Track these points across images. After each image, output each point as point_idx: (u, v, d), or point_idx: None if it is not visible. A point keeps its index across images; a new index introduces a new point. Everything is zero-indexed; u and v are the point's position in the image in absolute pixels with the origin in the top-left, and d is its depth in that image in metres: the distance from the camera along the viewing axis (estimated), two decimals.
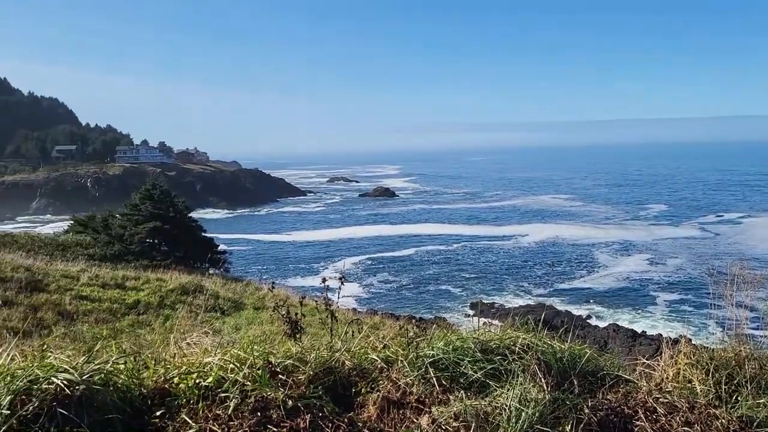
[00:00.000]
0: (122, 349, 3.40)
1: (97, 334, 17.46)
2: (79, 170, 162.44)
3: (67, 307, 20.51)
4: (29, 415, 2.55)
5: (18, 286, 20.95)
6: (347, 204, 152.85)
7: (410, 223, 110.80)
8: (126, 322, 20.42)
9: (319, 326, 5.99)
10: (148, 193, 42.00)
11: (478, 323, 4.10)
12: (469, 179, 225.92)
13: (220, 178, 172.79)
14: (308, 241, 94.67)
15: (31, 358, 2.95)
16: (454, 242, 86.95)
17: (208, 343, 3.82)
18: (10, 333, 15.63)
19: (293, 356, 3.51)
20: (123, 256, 36.60)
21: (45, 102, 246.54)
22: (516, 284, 60.39)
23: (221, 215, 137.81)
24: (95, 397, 2.74)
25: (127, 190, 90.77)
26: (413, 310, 47.11)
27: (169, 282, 26.21)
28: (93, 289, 23.27)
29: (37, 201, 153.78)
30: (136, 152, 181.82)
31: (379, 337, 4.09)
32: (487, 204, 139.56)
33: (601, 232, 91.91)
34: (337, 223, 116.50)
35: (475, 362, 3.48)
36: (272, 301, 25.83)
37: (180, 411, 2.91)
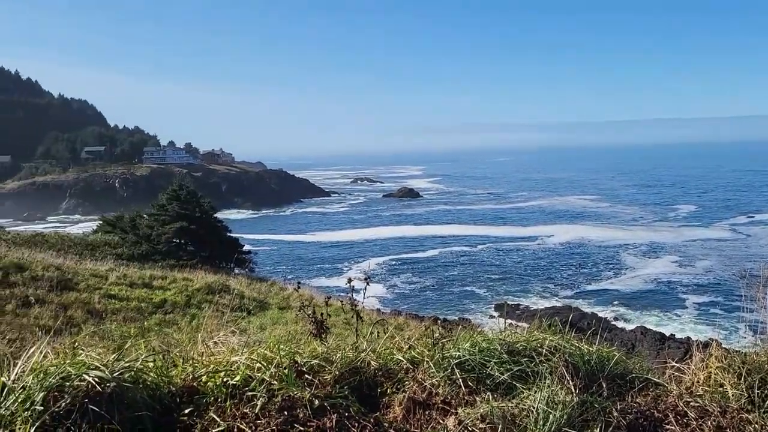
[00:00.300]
0: (151, 347, 3.44)
1: (125, 333, 17.67)
2: (107, 171, 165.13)
3: (96, 305, 20.84)
4: (62, 411, 2.59)
5: (49, 285, 21.34)
6: (371, 204, 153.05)
7: (434, 223, 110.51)
8: (153, 321, 20.69)
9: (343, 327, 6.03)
10: (175, 193, 42.49)
11: (504, 325, 4.07)
12: (493, 180, 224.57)
13: (245, 178, 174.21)
14: (332, 242, 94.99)
15: (63, 355, 3.00)
16: (478, 243, 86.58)
17: (235, 342, 3.85)
18: (41, 331, 15.95)
19: (319, 356, 3.52)
20: (150, 255, 37.07)
21: (75, 104, 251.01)
22: (541, 285, 59.91)
23: (246, 215, 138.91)
24: (125, 395, 2.78)
25: (154, 191, 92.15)
26: (437, 311, 47.02)
27: (195, 281, 26.50)
28: (121, 288, 23.61)
29: (67, 201, 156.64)
30: (163, 153, 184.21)
31: (405, 337, 4.08)
32: (512, 205, 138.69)
33: (629, 233, 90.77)
34: (361, 223, 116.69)
35: (501, 364, 3.46)
36: (297, 301, 25.98)
37: (208, 409, 2.94)
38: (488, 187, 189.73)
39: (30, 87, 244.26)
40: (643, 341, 35.94)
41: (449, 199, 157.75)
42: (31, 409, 2.55)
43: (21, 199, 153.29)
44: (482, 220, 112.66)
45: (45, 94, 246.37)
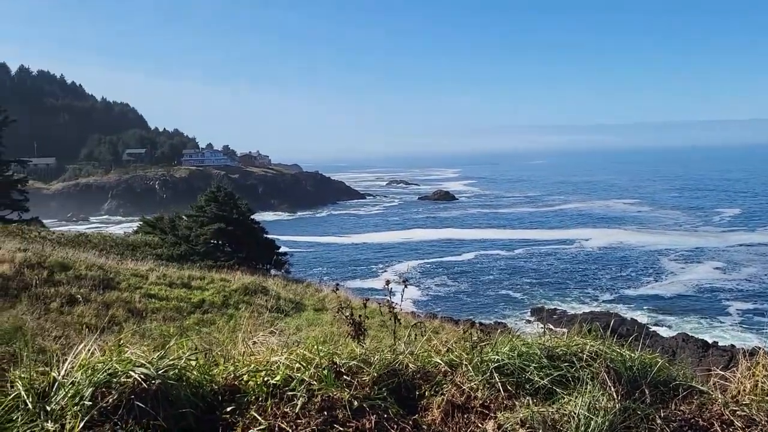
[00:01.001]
0: (195, 345, 3.51)
1: (164, 332, 18.05)
2: (147, 173, 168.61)
3: (136, 304, 21.27)
4: (109, 406, 2.66)
5: (91, 284, 21.87)
6: (406, 207, 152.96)
7: (470, 227, 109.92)
8: (192, 320, 21.03)
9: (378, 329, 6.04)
10: (213, 195, 43.11)
11: (544, 329, 4.04)
12: (530, 182, 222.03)
13: (282, 180, 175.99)
14: (367, 244, 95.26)
15: (109, 352, 3.07)
16: (514, 246, 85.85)
17: (274, 342, 3.89)
18: (84, 329, 16.36)
19: (357, 357, 3.54)
20: (189, 256, 37.66)
21: (117, 107, 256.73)
22: (579, 290, 59.10)
23: (282, 217, 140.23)
24: (169, 392, 2.84)
25: (193, 192, 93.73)
26: (472, 315, 46.76)
27: (232, 282, 26.83)
28: (161, 288, 24.04)
29: (109, 202, 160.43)
30: (202, 155, 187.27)
31: (442, 340, 4.08)
32: (549, 208, 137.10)
33: (670, 237, 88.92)
34: (395, 226, 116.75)
35: (541, 368, 3.42)
36: (332, 303, 26.11)
37: (249, 407, 2.98)
38: (525, 190, 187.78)
39: (74, 91, 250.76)
40: (685, 348, 35.16)
41: (485, 202, 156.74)
42: (80, 404, 2.62)
43: (65, 200, 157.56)
44: (519, 224, 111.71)
45: (88, 98, 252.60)
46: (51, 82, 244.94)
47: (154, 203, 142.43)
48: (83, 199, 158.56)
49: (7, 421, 2.53)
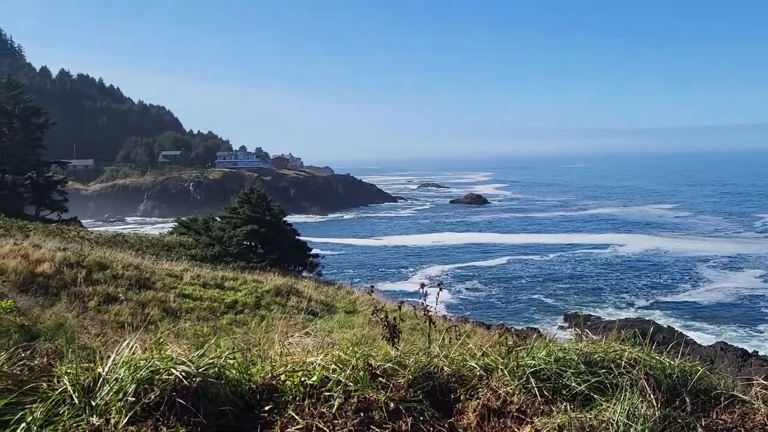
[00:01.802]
0: (234, 345, 3.56)
1: (198, 332, 18.31)
2: (182, 174, 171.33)
3: (171, 304, 21.61)
4: (151, 403, 2.71)
5: (128, 284, 22.30)
6: (438, 210, 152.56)
7: (502, 231, 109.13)
8: (225, 320, 21.28)
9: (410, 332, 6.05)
10: (246, 197, 43.58)
11: (580, 334, 4.00)
12: (565, 187, 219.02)
13: (313, 183, 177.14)
14: (398, 247, 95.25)
15: (150, 350, 3.13)
16: (547, 251, 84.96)
17: (309, 343, 3.93)
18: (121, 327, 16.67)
19: (392, 360, 3.55)
20: (222, 257, 38.12)
21: (153, 110, 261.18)
22: (614, 296, 58.23)
23: (314, 219, 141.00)
24: (209, 390, 2.89)
25: (226, 194, 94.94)
26: (504, 320, 46.36)
27: (265, 283, 27.08)
28: (195, 288, 24.39)
29: (145, 203, 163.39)
30: (235, 157, 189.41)
31: (477, 344, 4.07)
32: (583, 212, 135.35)
33: (709, 244, 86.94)
34: (427, 229, 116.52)
35: (578, 374, 3.39)
36: (364, 305, 26.18)
37: (287, 407, 3.02)
38: (559, 195, 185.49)
39: (112, 94, 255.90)
40: (724, 357, 34.34)
41: (518, 206, 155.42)
42: (123, 399, 2.69)
43: (103, 201, 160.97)
44: (552, 228, 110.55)
45: (126, 101, 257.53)
46: (90, 85, 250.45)
47: (189, 204, 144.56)
48: (120, 200, 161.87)
49: (54, 415, 2.60)
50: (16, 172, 56.68)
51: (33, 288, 18.60)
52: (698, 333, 44.90)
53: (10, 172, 56.30)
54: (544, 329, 41.83)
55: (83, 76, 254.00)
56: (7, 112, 57.26)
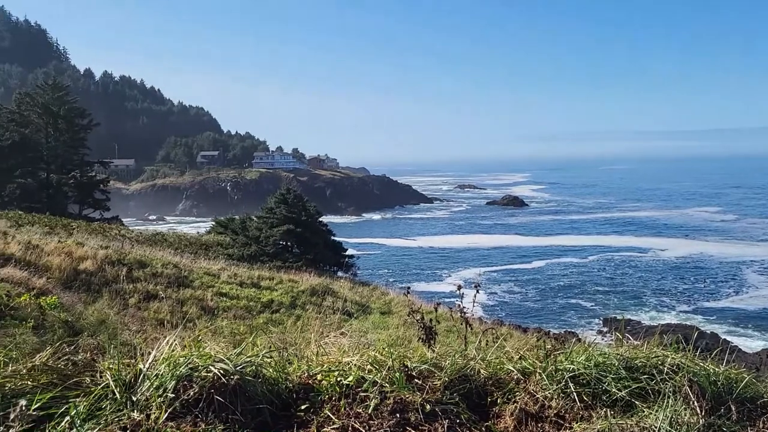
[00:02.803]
0: (271, 343, 3.59)
1: (234, 330, 18.53)
2: (220, 174, 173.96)
3: (208, 302, 21.95)
4: (190, 399, 2.75)
5: (167, 282, 22.73)
6: (474, 212, 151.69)
7: (539, 233, 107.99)
8: (261, 319, 21.51)
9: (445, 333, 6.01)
10: (283, 197, 44.00)
11: (621, 339, 3.91)
12: (604, 189, 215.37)
13: (349, 183, 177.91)
14: (433, 248, 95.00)
15: (189, 347, 3.18)
16: (586, 254, 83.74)
17: (345, 343, 3.93)
18: (160, 324, 16.98)
19: (428, 361, 3.53)
20: (258, 256, 38.54)
21: (192, 111, 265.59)
22: (654, 300, 57.07)
23: (349, 220, 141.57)
24: (247, 387, 2.91)
25: (263, 194, 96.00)
26: (540, 323, 45.86)
27: (300, 283, 27.32)
28: (232, 287, 24.73)
29: (183, 203, 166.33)
30: (272, 158, 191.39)
31: (514, 347, 4.02)
32: (623, 215, 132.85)
33: (755, 248, 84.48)
34: (463, 230, 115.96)
35: (619, 380, 3.32)
36: (399, 306, 26.18)
37: (323, 406, 3.02)
38: (598, 197, 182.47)
39: (153, 95, 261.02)
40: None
41: (556, 208, 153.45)
42: (163, 395, 2.72)
43: (143, 200, 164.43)
44: (590, 231, 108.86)
45: (166, 102, 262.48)
46: (132, 86, 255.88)
47: (226, 204, 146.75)
48: (159, 200, 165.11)
49: (97, 409, 2.65)
50: (61, 172, 58.25)
51: (76, 285, 19.10)
52: (743, 340, 43.67)
53: (56, 171, 57.87)
54: (582, 333, 41.23)
55: (125, 78, 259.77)
56: (52, 113, 58.84)
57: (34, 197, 53.33)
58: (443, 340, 4.61)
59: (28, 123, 58.20)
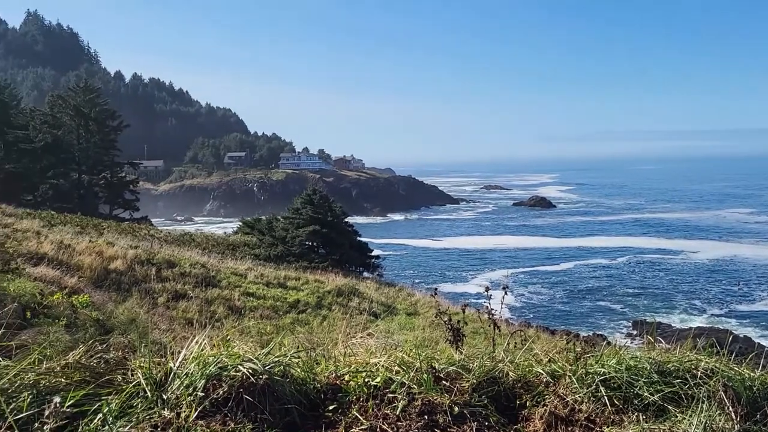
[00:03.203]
0: (299, 344, 3.60)
1: (261, 330, 18.68)
2: (247, 175, 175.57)
3: (236, 302, 22.14)
4: (220, 398, 2.77)
5: (195, 281, 22.99)
6: (501, 213, 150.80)
7: (567, 235, 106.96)
8: (288, 319, 21.63)
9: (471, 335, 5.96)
10: (309, 198, 44.23)
11: (653, 342, 3.85)
12: (634, 190, 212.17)
13: (375, 184, 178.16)
14: (459, 249, 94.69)
15: (218, 347, 3.20)
16: (615, 255, 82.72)
17: (372, 344, 3.92)
18: (188, 324, 17.17)
19: (456, 363, 3.51)
20: (285, 257, 38.78)
21: (219, 112, 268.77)
22: (686, 303, 56.10)
23: (375, 220, 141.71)
24: (275, 387, 2.92)
25: (289, 195, 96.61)
26: (568, 326, 45.40)
27: (326, 284, 27.42)
28: (258, 287, 24.92)
29: (211, 203, 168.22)
30: (298, 159, 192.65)
31: (543, 350, 3.98)
32: (653, 216, 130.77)
33: None
34: (489, 231, 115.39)
35: (651, 384, 3.26)
36: (424, 307, 26.13)
37: (351, 407, 3.02)
38: (627, 198, 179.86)
39: (181, 97, 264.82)
40: None
41: (584, 209, 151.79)
42: (193, 394, 2.75)
43: (171, 201, 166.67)
44: (619, 232, 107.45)
45: (194, 103, 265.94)
46: (160, 88, 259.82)
47: (252, 205, 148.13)
48: (187, 200, 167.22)
49: (128, 407, 2.68)
50: (92, 173, 59.33)
51: (106, 284, 19.41)
52: None
53: (87, 172, 58.97)
54: (612, 336, 40.70)
55: (154, 80, 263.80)
56: (84, 115, 59.93)
57: (67, 197, 54.42)
58: (470, 342, 4.58)
59: (60, 125, 59.35)
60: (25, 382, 2.67)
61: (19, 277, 10.30)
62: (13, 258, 12.34)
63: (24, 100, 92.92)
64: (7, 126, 54.37)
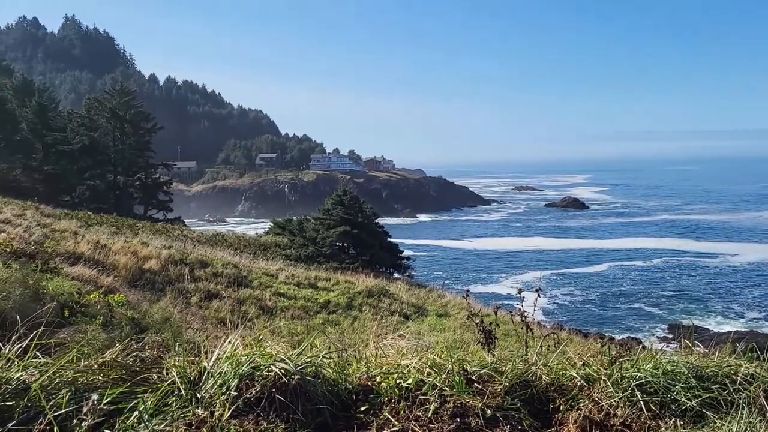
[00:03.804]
0: (330, 344, 3.61)
1: (292, 330, 18.80)
2: (278, 176, 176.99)
3: (267, 302, 22.34)
4: (252, 398, 2.79)
5: (227, 281, 23.25)
6: (532, 214, 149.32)
7: (601, 236, 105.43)
8: (318, 320, 21.74)
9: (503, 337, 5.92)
10: (339, 199, 44.37)
11: (690, 347, 3.77)
12: (670, 190, 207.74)
13: (405, 185, 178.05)
14: (490, 250, 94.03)
15: (250, 347, 3.23)
16: (650, 257, 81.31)
17: (404, 345, 3.92)
18: (221, 323, 17.37)
19: (488, 366, 3.48)
20: (315, 257, 38.96)
21: (251, 114, 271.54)
22: (724, 306, 54.82)
23: (405, 221, 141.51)
24: (307, 388, 2.93)
25: (319, 196, 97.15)
26: (602, 328, 44.75)
27: (356, 284, 27.48)
28: (289, 287, 25.09)
29: (242, 204, 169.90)
30: (328, 160, 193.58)
31: (577, 353, 3.93)
32: (690, 217, 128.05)
33: None
34: (520, 232, 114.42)
35: (688, 389, 3.20)
36: (455, 308, 26.02)
37: (383, 408, 3.02)
38: (663, 199, 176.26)
39: (214, 99, 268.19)
40: None
41: (619, 210, 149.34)
42: (227, 393, 2.78)
43: (204, 201, 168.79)
44: (654, 234, 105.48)
45: (226, 105, 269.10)
46: (194, 91, 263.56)
47: (283, 206, 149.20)
48: (220, 201, 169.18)
49: (163, 405, 2.72)
50: (127, 174, 60.41)
51: (141, 283, 19.75)
52: None
53: (122, 173, 60.06)
54: (647, 339, 40.01)
55: (188, 83, 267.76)
56: (119, 118, 61.08)
57: (103, 198, 55.49)
58: (502, 344, 4.54)
59: (97, 127, 60.55)
60: (64, 380, 2.72)
61: (58, 276, 10.53)
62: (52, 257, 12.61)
63: (62, 103, 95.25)
64: (46, 128, 55.70)
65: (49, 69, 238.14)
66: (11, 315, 4.08)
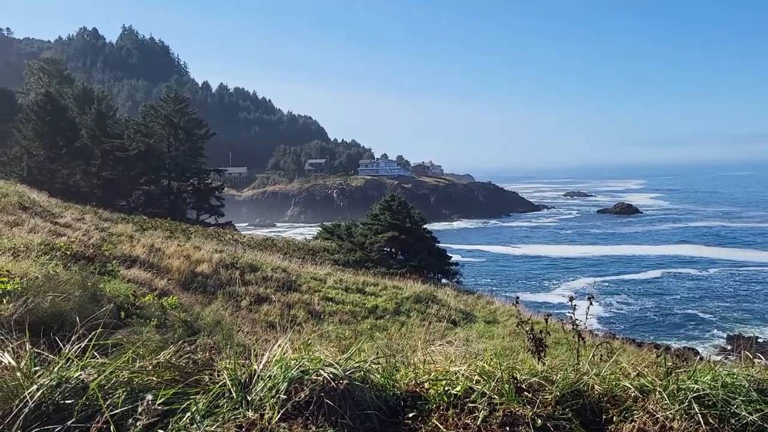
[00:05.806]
0: (378, 350, 3.61)
1: (340, 335, 18.92)
2: (327, 182, 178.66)
3: (315, 306, 22.53)
4: (301, 402, 2.82)
5: (276, 285, 23.55)
6: (584, 220, 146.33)
7: (656, 243, 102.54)
8: (366, 325, 21.80)
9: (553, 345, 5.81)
10: (387, 204, 44.39)
11: (753, 359, 3.62)
12: (728, 196, 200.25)
13: (454, 190, 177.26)
14: (540, 257, 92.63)
15: (299, 351, 3.25)
16: (707, 266, 78.67)
17: (452, 352, 3.89)
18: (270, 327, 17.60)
19: (538, 374, 3.43)
20: (363, 262, 39.04)
21: (300, 120, 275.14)
22: None
23: (454, 227, 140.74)
24: (355, 392, 2.94)
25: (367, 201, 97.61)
26: (656, 338, 43.50)
27: (404, 290, 27.42)
28: (337, 292, 25.23)
29: (292, 209, 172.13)
30: (376, 165, 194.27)
31: (631, 363, 3.82)
32: (748, 224, 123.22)
33: None
34: (572, 239, 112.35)
35: (749, 402, 3.07)
36: (504, 316, 25.71)
37: (431, 415, 3.00)
38: (721, 205, 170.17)
39: (264, 105, 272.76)
40: None
41: (673, 217, 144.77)
42: (276, 396, 2.81)
43: (254, 206, 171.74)
44: (712, 241, 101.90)
45: (276, 111, 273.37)
46: (245, 98, 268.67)
47: (332, 210, 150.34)
48: (269, 206, 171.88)
49: (215, 406, 2.77)
50: (181, 179, 61.87)
51: (193, 286, 20.19)
52: None
53: (176, 179, 61.56)
54: (704, 350, 38.71)
55: (239, 90, 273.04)
56: (174, 125, 62.62)
57: (157, 203, 57.04)
58: (553, 353, 4.46)
59: (152, 134, 62.22)
60: (120, 380, 2.80)
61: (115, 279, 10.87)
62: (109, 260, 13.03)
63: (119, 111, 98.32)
64: (105, 135, 57.65)
65: (108, 78, 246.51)
66: (71, 316, 4.23)
